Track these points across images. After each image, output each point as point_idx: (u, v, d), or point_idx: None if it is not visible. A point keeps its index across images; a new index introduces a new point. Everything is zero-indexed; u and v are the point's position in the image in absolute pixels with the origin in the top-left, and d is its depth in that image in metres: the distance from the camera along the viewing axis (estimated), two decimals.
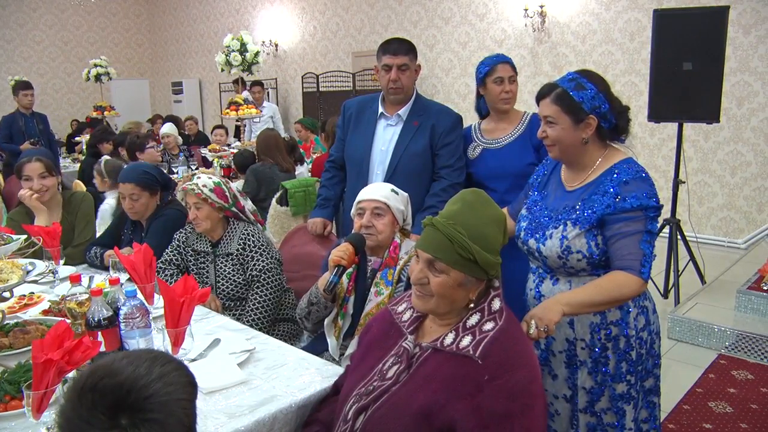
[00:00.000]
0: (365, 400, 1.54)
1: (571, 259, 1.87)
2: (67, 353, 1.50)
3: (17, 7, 12.55)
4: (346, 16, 9.95)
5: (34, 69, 12.60)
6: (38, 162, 3.21)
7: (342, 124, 3.05)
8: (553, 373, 2.02)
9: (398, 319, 1.68)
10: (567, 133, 1.88)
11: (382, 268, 2.26)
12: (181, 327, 1.82)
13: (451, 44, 8.51)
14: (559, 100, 1.87)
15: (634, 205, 1.79)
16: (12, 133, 6.75)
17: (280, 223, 4.24)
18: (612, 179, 1.85)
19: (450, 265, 1.48)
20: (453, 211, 1.53)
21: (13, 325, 2.12)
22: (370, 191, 2.33)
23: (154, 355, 1.05)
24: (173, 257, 2.83)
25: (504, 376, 1.40)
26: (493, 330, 1.48)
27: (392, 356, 1.60)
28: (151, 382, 0.98)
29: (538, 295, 2.00)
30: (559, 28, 7.42)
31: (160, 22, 14.20)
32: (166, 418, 0.95)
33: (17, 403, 1.64)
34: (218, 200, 2.69)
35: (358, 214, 2.31)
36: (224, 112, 6.65)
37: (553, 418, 2.04)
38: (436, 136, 2.83)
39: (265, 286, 2.66)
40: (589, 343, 1.92)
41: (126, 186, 3.02)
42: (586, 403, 1.95)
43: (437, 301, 1.52)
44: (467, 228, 1.48)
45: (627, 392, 1.92)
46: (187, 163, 6.60)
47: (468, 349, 1.46)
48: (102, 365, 1.02)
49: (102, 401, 0.95)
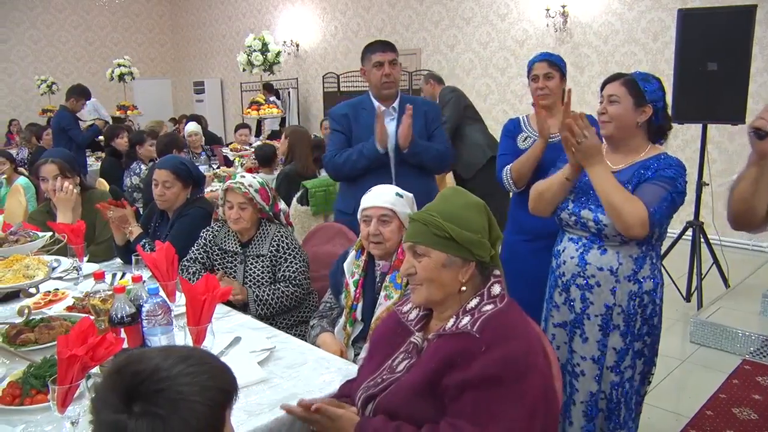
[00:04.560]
0: (373, 390, 1.59)
1: None
2: (91, 349, 1.51)
3: (44, 9, 12.77)
4: (367, 16, 9.96)
5: (59, 69, 12.80)
6: (53, 164, 3.27)
7: (341, 127, 3.15)
8: (584, 336, 2.24)
9: (405, 319, 1.71)
10: (626, 113, 2.14)
11: (391, 271, 2.24)
12: (203, 325, 1.83)
13: (472, 44, 8.48)
14: (627, 83, 2.15)
15: (671, 175, 2.09)
16: (72, 126, 6.94)
17: (301, 222, 4.26)
18: (659, 161, 2.13)
19: (428, 246, 1.56)
20: (431, 204, 1.64)
21: (39, 320, 2.15)
22: (375, 197, 2.28)
23: (191, 354, 1.05)
24: (198, 255, 2.83)
25: (500, 345, 1.45)
26: (491, 310, 1.53)
27: (402, 352, 1.64)
28: (166, 378, 0.98)
29: (584, 263, 2.21)
30: (581, 28, 7.36)
31: (183, 22, 14.33)
32: (169, 415, 0.95)
33: (42, 397, 1.67)
34: (261, 201, 2.69)
35: (364, 221, 2.27)
36: (245, 112, 6.70)
37: (578, 378, 2.26)
38: (429, 121, 3.14)
39: (294, 286, 2.66)
40: (625, 309, 2.17)
41: (161, 172, 3.05)
42: (613, 363, 2.20)
43: (427, 287, 1.58)
44: (440, 211, 1.58)
45: (641, 349, 2.21)
46: (209, 162, 6.65)
47: (466, 326, 1.51)
48: (137, 352, 1.07)
49: (120, 384, 0.98)
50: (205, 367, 1.03)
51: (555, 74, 2.83)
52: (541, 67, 2.83)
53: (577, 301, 2.24)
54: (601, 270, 2.18)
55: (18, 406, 1.67)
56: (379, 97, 3.11)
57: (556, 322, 2.33)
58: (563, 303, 2.29)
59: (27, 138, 8.58)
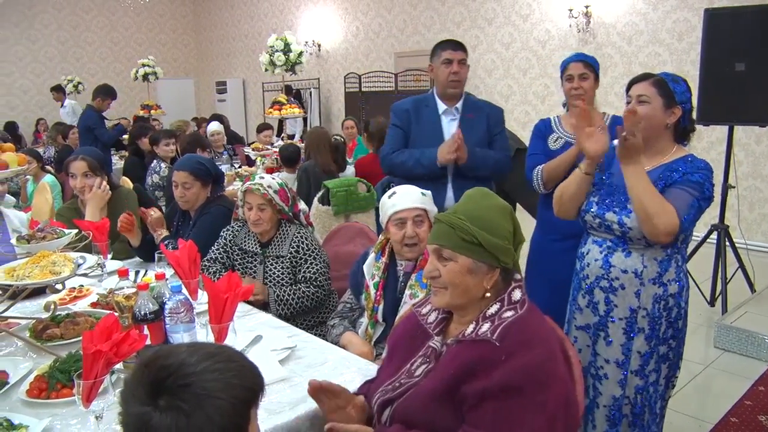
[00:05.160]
0: (391, 395, 1.57)
1: None
2: (115, 345, 1.53)
3: (71, 11, 13.00)
4: (388, 17, 9.96)
5: (85, 69, 13.00)
6: (83, 161, 3.30)
7: (401, 123, 3.14)
8: (608, 339, 2.22)
9: (423, 321, 1.69)
10: (656, 113, 2.10)
11: (416, 270, 2.24)
12: (225, 323, 1.84)
13: (494, 45, 8.45)
14: (657, 84, 2.12)
15: (699, 180, 2.06)
16: (98, 125, 7.06)
17: (322, 222, 4.27)
18: (686, 163, 2.11)
19: (455, 250, 1.52)
20: (457, 205, 1.61)
21: (64, 316, 2.19)
22: (405, 199, 2.26)
23: (219, 352, 1.07)
24: (219, 255, 2.84)
25: (520, 354, 1.42)
26: (512, 317, 1.50)
27: (420, 356, 1.62)
28: (193, 374, 1.00)
29: (608, 266, 2.19)
30: (605, 28, 7.29)
31: (206, 22, 14.45)
32: (193, 411, 0.97)
33: (68, 391, 1.70)
34: (281, 202, 2.69)
35: (396, 224, 2.24)
36: (267, 112, 6.72)
37: (602, 381, 2.24)
38: (491, 125, 3.10)
39: (315, 287, 2.66)
40: (650, 312, 2.15)
41: (180, 174, 3.08)
42: (638, 366, 2.18)
43: (451, 291, 1.54)
44: (469, 215, 1.53)
45: (666, 354, 2.19)
46: (231, 161, 6.70)
47: (486, 333, 1.48)
48: (167, 347, 1.10)
49: (147, 378, 1.00)
50: (231, 364, 1.04)
51: (590, 75, 2.83)
52: (576, 67, 2.84)
53: (601, 304, 2.22)
54: (625, 273, 2.16)
55: (45, 399, 1.71)
56: (444, 95, 3.08)
57: (579, 324, 2.31)
58: (586, 306, 2.27)
59: (53, 137, 8.69)
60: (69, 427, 1.60)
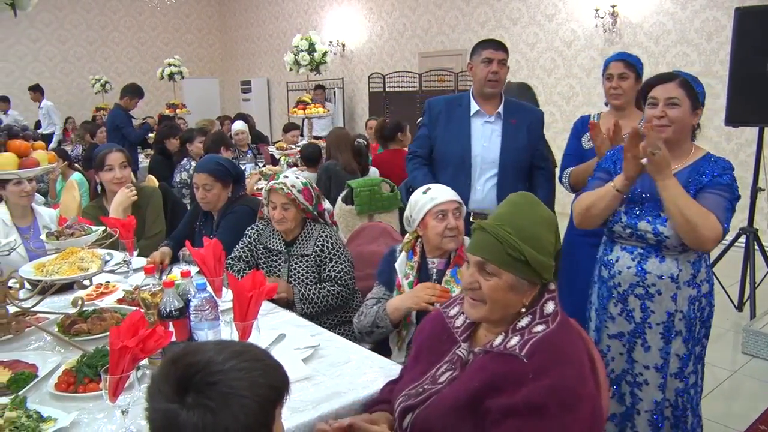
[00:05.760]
0: (413, 401, 1.55)
1: None
2: (142, 341, 1.55)
3: (100, 11, 13.19)
4: (413, 17, 9.95)
5: (112, 68, 13.18)
6: (119, 152, 3.34)
7: (429, 122, 3.11)
8: (646, 345, 2.20)
9: (450, 324, 1.65)
10: (685, 116, 2.07)
11: (452, 266, 2.24)
12: (249, 321, 1.85)
13: (519, 45, 8.39)
14: (685, 85, 2.07)
15: (728, 181, 2.06)
16: (125, 124, 7.16)
17: (345, 222, 4.28)
18: (710, 163, 2.10)
19: (500, 266, 1.46)
20: (501, 213, 1.51)
21: (91, 311, 2.22)
22: (443, 192, 2.28)
23: (245, 350, 1.07)
24: (243, 254, 2.85)
25: (548, 372, 1.38)
26: (543, 332, 1.46)
27: (446, 363, 1.58)
28: (220, 372, 1.01)
29: (643, 272, 2.17)
30: (632, 28, 7.20)
31: (231, 22, 14.57)
32: (219, 409, 0.97)
33: (94, 386, 1.73)
34: (304, 202, 2.68)
35: (438, 217, 2.23)
36: (292, 111, 6.75)
37: (641, 387, 2.22)
38: (531, 131, 3.06)
39: (340, 286, 2.66)
40: (686, 314, 2.15)
41: (200, 176, 3.10)
42: (677, 369, 2.18)
43: (490, 307, 1.49)
44: (516, 228, 1.46)
45: (700, 353, 2.22)
46: (255, 160, 6.74)
47: (515, 347, 1.44)
48: (195, 344, 1.11)
49: (174, 374, 1.01)
50: (257, 363, 1.05)
51: (630, 75, 2.81)
52: (616, 66, 2.83)
53: (637, 311, 2.20)
54: (661, 278, 2.14)
55: (72, 393, 1.73)
56: (481, 94, 3.04)
57: (611, 333, 2.28)
58: (619, 313, 2.25)
59: (81, 135, 8.83)
60: (96, 421, 1.62)
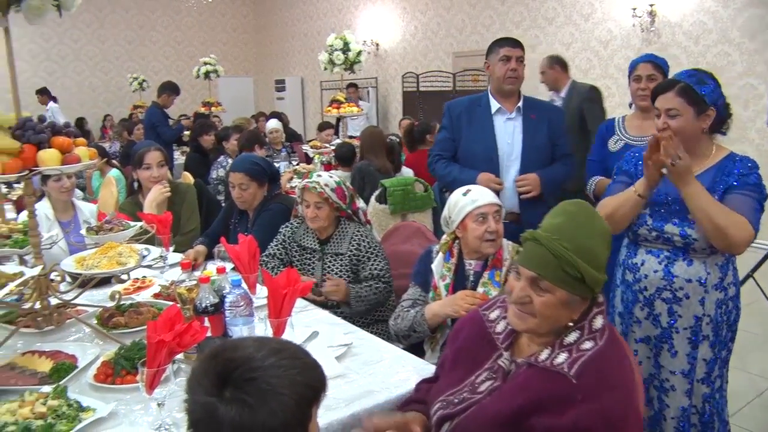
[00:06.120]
0: (452, 409, 1.51)
1: None
2: (178, 336, 1.57)
3: (138, 11, 13.47)
4: (447, 16, 9.91)
5: (149, 67, 13.42)
6: (158, 151, 3.38)
7: (450, 124, 3.10)
8: (673, 350, 2.15)
9: (491, 330, 1.59)
10: (689, 124, 2.01)
11: (489, 268, 2.22)
12: (283, 318, 1.87)
13: (554, 45, 8.29)
14: (684, 93, 2.01)
15: (755, 181, 2.02)
16: (161, 122, 7.30)
17: (378, 221, 4.27)
18: (735, 163, 2.06)
19: (555, 283, 1.39)
20: (556, 224, 1.43)
21: (128, 305, 2.26)
22: (484, 194, 2.25)
23: (284, 348, 1.08)
24: (277, 251, 2.87)
25: (598, 397, 1.33)
26: (591, 350, 1.40)
27: (486, 371, 1.54)
28: (259, 368, 1.02)
29: (670, 276, 2.12)
30: (670, 28, 7.06)
31: (265, 21, 14.71)
32: (258, 405, 0.98)
33: (131, 378, 1.76)
34: (338, 200, 2.69)
35: (478, 220, 2.20)
36: (326, 110, 6.78)
37: (668, 393, 2.17)
38: (552, 128, 3.03)
39: (384, 283, 2.66)
40: (713, 318, 2.11)
41: (236, 175, 3.13)
42: (704, 374, 2.13)
43: (539, 321, 1.43)
44: (573, 243, 1.38)
45: (727, 357, 2.18)
46: (289, 158, 6.79)
47: (563, 366, 1.39)
48: (234, 340, 1.13)
49: (214, 369, 1.03)
50: (296, 362, 1.06)
51: (658, 76, 2.79)
52: (644, 68, 2.82)
53: (664, 315, 2.16)
54: (689, 282, 2.10)
55: (110, 384, 1.77)
56: (500, 91, 3.03)
57: (638, 337, 2.24)
58: (645, 318, 2.21)
59: (119, 132, 9.01)
60: (132, 413, 1.65)
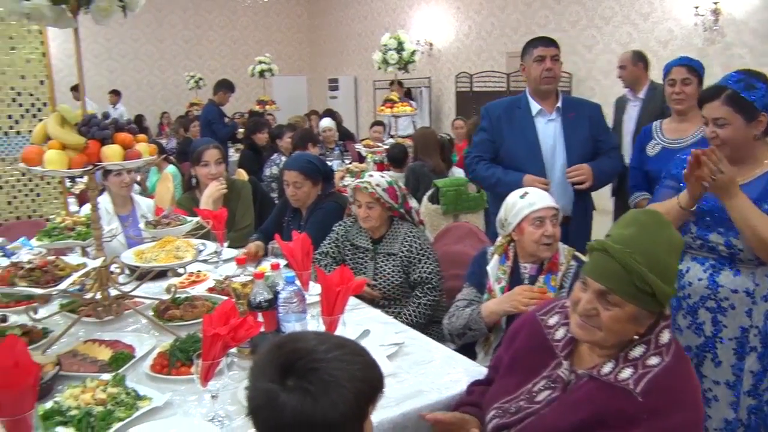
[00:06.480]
0: (508, 419, 1.48)
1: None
2: (233, 330, 1.60)
3: (195, 11, 13.80)
4: (501, 16, 9.81)
5: (206, 66, 13.72)
6: (216, 149, 3.44)
7: (490, 126, 3.06)
8: (717, 360, 2.10)
9: (550, 336, 1.55)
10: (739, 132, 1.96)
11: (545, 273, 2.18)
12: (336, 315, 1.88)
13: (611, 45, 8.10)
14: (731, 101, 1.94)
15: None
16: (216, 120, 7.47)
17: (430, 221, 4.27)
18: None
19: (625, 298, 1.34)
20: (627, 235, 1.36)
21: (184, 299, 2.32)
22: (541, 197, 2.20)
23: (346, 344, 1.11)
24: (330, 249, 2.89)
25: (666, 416, 1.29)
26: (658, 366, 1.35)
27: (544, 379, 1.50)
28: (322, 359, 1.05)
29: (715, 285, 2.06)
30: (735, 26, 6.79)
31: (319, 21, 14.85)
32: (319, 395, 1.01)
33: (186, 370, 1.79)
34: (390, 200, 2.69)
35: (535, 223, 2.15)
36: (379, 109, 6.80)
37: (710, 404, 2.11)
38: (593, 124, 3.00)
39: (432, 289, 2.65)
40: (761, 330, 2.03)
41: (291, 173, 3.16)
42: (750, 386, 2.05)
43: (605, 335, 1.39)
44: (645, 256, 1.32)
45: None
46: (342, 157, 6.83)
47: (628, 382, 1.34)
48: (297, 333, 1.19)
49: (278, 358, 1.06)
50: (357, 358, 1.09)
51: (693, 80, 2.80)
52: (679, 71, 2.83)
53: (707, 324, 2.10)
54: (735, 292, 2.03)
55: (166, 375, 1.81)
56: (537, 92, 2.99)
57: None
58: (688, 326, 2.16)
59: (176, 129, 9.24)
60: (187, 403, 1.68)
